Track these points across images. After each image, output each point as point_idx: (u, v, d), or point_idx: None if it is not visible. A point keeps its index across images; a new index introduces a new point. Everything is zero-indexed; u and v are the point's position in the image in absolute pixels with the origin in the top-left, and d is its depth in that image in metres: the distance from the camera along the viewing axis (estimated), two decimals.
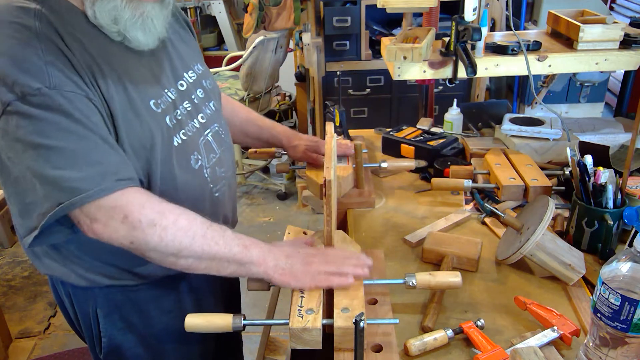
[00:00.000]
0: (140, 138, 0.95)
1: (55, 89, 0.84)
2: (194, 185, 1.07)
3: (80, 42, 0.90)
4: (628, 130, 1.95)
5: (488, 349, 0.91)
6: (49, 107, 0.84)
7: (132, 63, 0.98)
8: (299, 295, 0.95)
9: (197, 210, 0.98)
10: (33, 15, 0.86)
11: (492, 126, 1.80)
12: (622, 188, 1.16)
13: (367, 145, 1.77)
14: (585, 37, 1.43)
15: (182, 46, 1.12)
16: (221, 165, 1.14)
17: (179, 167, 1.03)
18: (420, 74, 1.45)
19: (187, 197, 1.04)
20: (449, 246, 1.19)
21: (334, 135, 1.23)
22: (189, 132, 1.05)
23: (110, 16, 0.92)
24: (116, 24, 0.93)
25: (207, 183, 1.10)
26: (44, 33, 0.86)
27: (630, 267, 0.81)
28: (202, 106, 1.11)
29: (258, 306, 2.35)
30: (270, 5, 3.09)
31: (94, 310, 1.10)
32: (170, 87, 1.04)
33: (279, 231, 3.23)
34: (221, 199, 1.15)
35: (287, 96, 4.10)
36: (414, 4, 1.46)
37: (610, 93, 3.36)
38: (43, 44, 0.85)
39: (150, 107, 0.98)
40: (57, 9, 0.90)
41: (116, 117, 0.92)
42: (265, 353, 1.14)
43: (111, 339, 1.12)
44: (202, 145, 1.09)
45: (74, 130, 0.85)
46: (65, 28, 0.89)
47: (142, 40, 0.96)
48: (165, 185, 1.01)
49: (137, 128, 0.95)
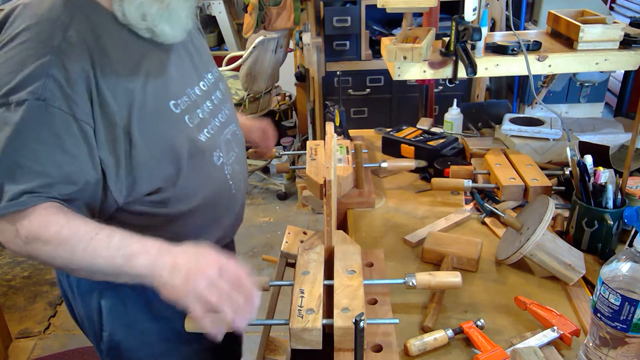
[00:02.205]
0: (159, 141, 0.97)
1: (45, 103, 0.85)
2: (216, 182, 1.09)
3: (105, 51, 0.91)
4: (628, 130, 1.95)
5: (488, 349, 0.91)
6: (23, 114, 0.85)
7: (159, 63, 1.00)
8: (299, 295, 0.95)
9: (215, 207, 1.00)
10: (60, 27, 0.88)
11: (492, 126, 1.80)
12: (622, 188, 1.16)
13: (367, 145, 1.77)
14: (585, 37, 1.43)
15: (200, 48, 1.16)
16: (239, 162, 1.17)
17: (203, 164, 1.05)
18: (420, 74, 1.45)
19: (208, 194, 1.06)
20: (449, 246, 1.19)
21: (334, 135, 1.23)
22: (212, 130, 1.08)
23: (138, 13, 0.93)
24: (144, 20, 0.94)
25: (227, 180, 1.12)
26: (64, 47, 0.87)
27: (630, 267, 0.81)
28: (221, 106, 1.14)
29: (258, 306, 2.35)
30: (270, 5, 3.09)
31: (97, 303, 1.10)
32: (194, 85, 1.07)
33: (279, 231, 3.23)
34: (237, 195, 1.17)
35: (287, 96, 4.10)
36: (414, 4, 1.46)
37: (610, 93, 3.36)
38: (57, 57, 0.86)
39: (169, 108, 0.99)
40: (87, 12, 0.91)
41: (131, 123, 0.93)
42: (265, 353, 1.14)
43: (112, 334, 1.12)
44: (224, 143, 1.11)
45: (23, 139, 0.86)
46: (92, 33, 0.90)
47: (169, 33, 0.98)
48: (189, 182, 1.03)
49: (156, 132, 0.97)
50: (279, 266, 1.34)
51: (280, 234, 1.51)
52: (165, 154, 0.98)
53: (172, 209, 1.03)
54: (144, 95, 0.95)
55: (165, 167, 0.99)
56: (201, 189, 1.06)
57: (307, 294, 0.95)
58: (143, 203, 1.00)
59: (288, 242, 1.33)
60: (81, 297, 1.12)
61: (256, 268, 2.91)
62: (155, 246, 0.87)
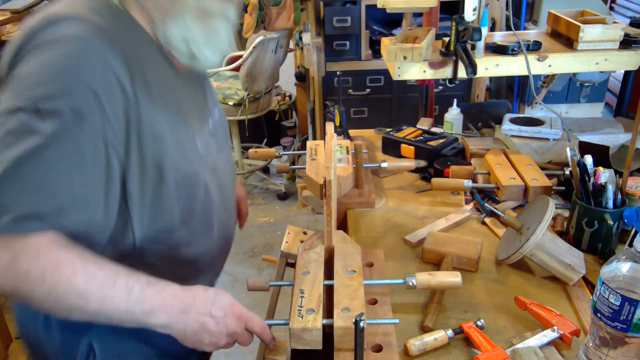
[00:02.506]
0: (186, 179, 0.93)
1: (80, 119, 0.77)
2: (219, 223, 1.05)
3: (144, 75, 0.86)
4: (628, 130, 1.95)
5: (488, 349, 0.91)
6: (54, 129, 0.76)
7: (187, 94, 0.97)
8: (299, 295, 0.95)
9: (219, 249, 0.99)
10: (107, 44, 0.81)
11: (492, 126, 1.80)
12: (622, 188, 1.16)
13: (367, 145, 1.77)
14: (585, 37, 1.43)
15: (208, 82, 1.13)
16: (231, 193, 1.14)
17: (212, 205, 1.01)
18: (420, 74, 1.45)
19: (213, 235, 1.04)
20: (449, 246, 1.19)
21: (334, 135, 1.23)
22: (218, 165, 1.04)
23: (181, 37, 0.89)
24: (186, 43, 0.90)
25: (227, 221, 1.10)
26: (110, 63, 0.80)
27: (630, 267, 0.81)
28: (224, 142, 1.12)
29: (258, 306, 2.35)
30: (270, 5, 3.09)
31: (88, 344, 0.97)
32: (206, 123, 1.04)
33: (279, 231, 3.23)
34: (232, 236, 1.16)
35: (287, 96, 4.10)
36: (414, 4, 1.46)
37: (610, 93, 3.36)
38: (102, 72, 0.79)
39: (196, 145, 0.96)
40: (132, 32, 0.87)
41: (164, 156, 0.88)
42: (265, 353, 1.14)
43: None
44: (224, 176, 1.08)
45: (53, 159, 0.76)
46: (135, 54, 0.85)
47: (210, 57, 0.94)
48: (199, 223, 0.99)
49: (184, 168, 0.92)
50: (279, 266, 1.34)
51: (280, 234, 1.51)
52: (189, 191, 0.93)
53: (179, 252, 0.98)
54: (176, 127, 0.90)
55: (185, 206, 0.93)
56: (208, 231, 1.02)
57: (307, 294, 0.95)
58: (157, 241, 0.94)
59: (288, 242, 1.33)
60: (62, 336, 0.97)
61: (256, 268, 2.91)
62: (176, 299, 0.84)
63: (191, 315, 0.85)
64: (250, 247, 3.08)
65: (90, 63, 0.79)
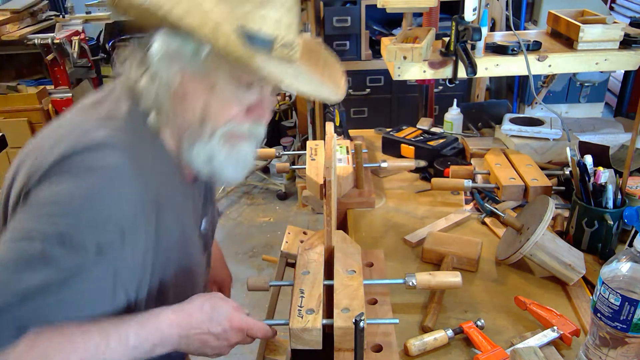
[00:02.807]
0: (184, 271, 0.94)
1: (100, 254, 0.76)
2: None
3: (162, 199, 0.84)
4: (628, 130, 1.95)
5: (488, 349, 0.91)
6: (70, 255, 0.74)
7: (185, 200, 0.96)
8: (299, 295, 0.95)
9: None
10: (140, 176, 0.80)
11: (492, 126, 1.80)
12: (622, 188, 1.16)
13: (367, 145, 1.77)
14: (585, 37, 1.43)
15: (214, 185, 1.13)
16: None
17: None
18: (420, 74, 1.45)
19: None
20: (449, 246, 1.19)
21: (334, 135, 1.23)
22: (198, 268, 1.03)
23: (206, 157, 0.88)
24: (210, 164, 0.89)
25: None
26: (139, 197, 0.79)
27: (630, 267, 0.81)
28: (210, 239, 1.12)
29: (258, 306, 2.35)
30: None
31: None
32: (202, 223, 1.05)
33: (279, 231, 3.23)
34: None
35: (287, 96, 4.10)
36: (414, 4, 1.47)
37: (610, 93, 3.36)
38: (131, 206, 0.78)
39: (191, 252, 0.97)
40: (156, 155, 0.86)
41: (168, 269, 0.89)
42: (265, 353, 1.14)
43: None
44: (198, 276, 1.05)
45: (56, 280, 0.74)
46: (157, 179, 0.84)
47: (231, 175, 0.92)
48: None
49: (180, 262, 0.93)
50: (279, 266, 1.34)
51: (280, 234, 1.51)
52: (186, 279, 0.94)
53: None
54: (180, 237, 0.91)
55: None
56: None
57: (307, 294, 0.95)
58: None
59: (288, 242, 1.33)
60: None
61: (256, 268, 2.91)
62: (173, 328, 0.83)
63: (191, 337, 0.86)
64: (250, 247, 3.08)
65: (123, 197, 0.77)
